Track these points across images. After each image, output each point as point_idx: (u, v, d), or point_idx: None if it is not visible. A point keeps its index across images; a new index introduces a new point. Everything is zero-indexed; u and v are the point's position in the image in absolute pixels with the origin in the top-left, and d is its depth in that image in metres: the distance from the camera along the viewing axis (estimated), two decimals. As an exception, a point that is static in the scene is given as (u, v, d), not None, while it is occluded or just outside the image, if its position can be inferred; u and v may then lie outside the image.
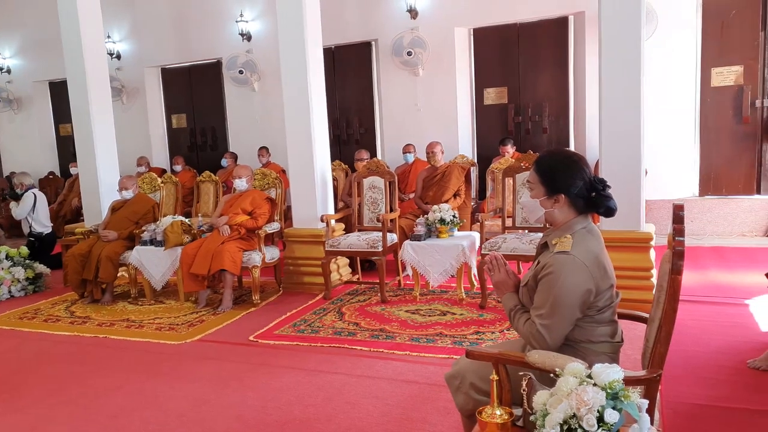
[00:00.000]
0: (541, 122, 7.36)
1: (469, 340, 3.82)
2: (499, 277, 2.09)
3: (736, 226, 6.44)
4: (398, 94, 7.84)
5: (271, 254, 5.06)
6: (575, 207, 1.95)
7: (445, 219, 4.74)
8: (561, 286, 1.83)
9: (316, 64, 5.26)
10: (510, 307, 2.03)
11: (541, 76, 7.37)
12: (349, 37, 8.07)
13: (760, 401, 2.77)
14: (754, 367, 3.09)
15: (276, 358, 3.75)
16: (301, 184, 5.25)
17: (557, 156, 2.04)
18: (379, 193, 5.27)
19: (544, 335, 1.85)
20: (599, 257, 1.88)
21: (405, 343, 3.83)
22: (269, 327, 4.34)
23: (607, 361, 1.90)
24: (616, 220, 4.14)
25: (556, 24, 7.18)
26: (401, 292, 5.01)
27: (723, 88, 6.53)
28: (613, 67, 4.14)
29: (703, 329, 3.75)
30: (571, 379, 1.40)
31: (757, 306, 4.07)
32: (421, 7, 7.47)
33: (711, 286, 4.71)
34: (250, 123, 8.78)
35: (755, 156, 6.50)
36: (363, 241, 4.86)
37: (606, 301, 1.89)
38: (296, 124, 5.22)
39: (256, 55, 8.49)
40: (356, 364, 3.56)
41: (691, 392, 2.92)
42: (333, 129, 8.39)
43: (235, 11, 8.51)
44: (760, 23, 6.31)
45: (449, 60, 7.49)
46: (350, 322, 4.32)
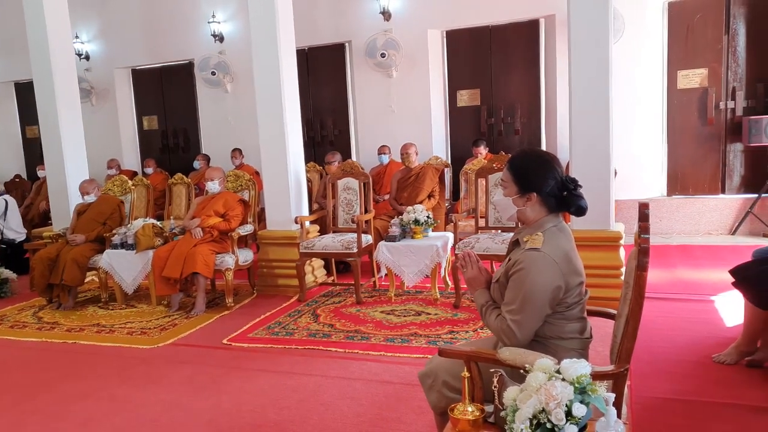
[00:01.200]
0: (513, 124, 7.45)
1: (444, 340, 3.85)
2: (471, 273, 2.12)
3: (702, 224, 6.61)
4: (372, 96, 7.86)
5: (244, 257, 5.02)
6: (547, 206, 1.98)
7: (419, 220, 4.77)
8: (531, 282, 1.86)
9: (289, 66, 5.25)
10: (481, 303, 2.06)
11: (513, 78, 7.46)
12: (323, 39, 8.06)
13: (724, 395, 2.85)
14: (719, 361, 3.18)
15: (250, 361, 3.73)
16: (275, 186, 5.22)
17: (530, 155, 2.07)
18: (354, 194, 5.28)
19: (514, 330, 1.88)
20: (569, 254, 1.92)
21: (380, 344, 3.84)
22: (243, 330, 4.30)
23: (577, 356, 1.92)
24: (586, 220, 4.19)
25: (528, 27, 7.28)
26: (376, 293, 5.02)
27: (688, 91, 6.70)
28: (582, 69, 4.23)
29: (671, 325, 3.84)
30: (540, 375, 1.43)
31: (721, 302, 4.18)
32: (394, 8, 7.50)
33: (678, 283, 4.82)
34: (223, 125, 8.69)
35: (719, 157, 6.69)
36: (338, 243, 4.86)
37: (575, 298, 1.93)
38: (269, 126, 5.19)
39: (229, 57, 8.41)
40: (331, 366, 3.55)
41: (659, 386, 2.99)
42: (307, 130, 8.35)
43: (207, 12, 8.42)
44: (723, 27, 6.50)
45: (423, 62, 7.53)
46: (325, 323, 4.32)
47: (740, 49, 6.48)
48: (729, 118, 6.59)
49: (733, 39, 6.49)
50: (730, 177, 6.68)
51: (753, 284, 2.99)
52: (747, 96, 6.50)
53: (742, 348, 3.14)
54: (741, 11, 6.45)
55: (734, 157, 6.64)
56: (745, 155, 6.58)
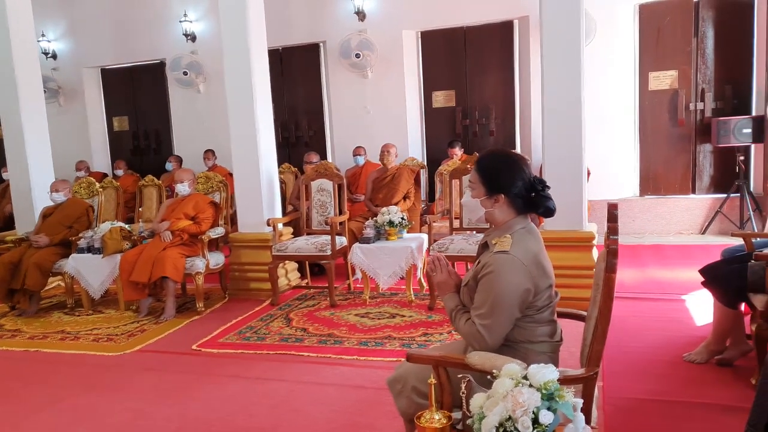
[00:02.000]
0: (488, 125, 7.46)
1: (418, 342, 3.81)
2: (440, 277, 2.08)
3: (674, 224, 6.69)
4: (347, 97, 7.80)
5: (215, 260, 4.91)
6: (515, 207, 1.95)
7: (393, 221, 4.72)
8: (500, 285, 1.83)
9: (261, 66, 5.16)
10: (451, 308, 2.02)
11: (488, 80, 7.47)
12: (297, 39, 7.98)
13: (694, 394, 2.87)
14: (690, 360, 3.20)
15: (220, 367, 3.64)
16: (247, 188, 5.13)
17: (498, 156, 2.04)
18: (328, 195, 5.21)
19: (483, 335, 1.85)
20: (538, 257, 1.89)
21: (353, 348, 3.78)
22: (213, 335, 4.21)
23: (547, 360, 1.91)
24: (559, 220, 4.23)
25: (502, 28, 7.30)
26: (351, 296, 4.97)
27: (659, 92, 6.79)
28: (554, 70, 4.23)
29: (643, 325, 3.86)
30: (507, 381, 1.39)
31: (692, 301, 4.23)
32: (369, 9, 7.46)
33: (650, 283, 4.86)
34: (196, 125, 8.55)
35: (690, 157, 6.78)
36: (311, 245, 4.79)
37: (545, 301, 1.90)
38: (240, 127, 5.10)
39: (202, 56, 8.29)
40: (303, 371, 3.49)
41: (631, 387, 2.99)
42: (282, 131, 8.28)
43: (178, 11, 8.28)
44: (692, 30, 6.59)
45: (398, 62, 7.50)
46: (298, 328, 4.24)
47: (709, 52, 6.59)
48: (699, 119, 6.69)
49: (701, 41, 6.59)
50: (700, 177, 6.78)
51: (722, 284, 3.01)
52: (716, 97, 6.60)
53: (711, 347, 3.16)
54: (709, 14, 6.55)
55: (704, 157, 6.74)
56: (714, 156, 6.69)
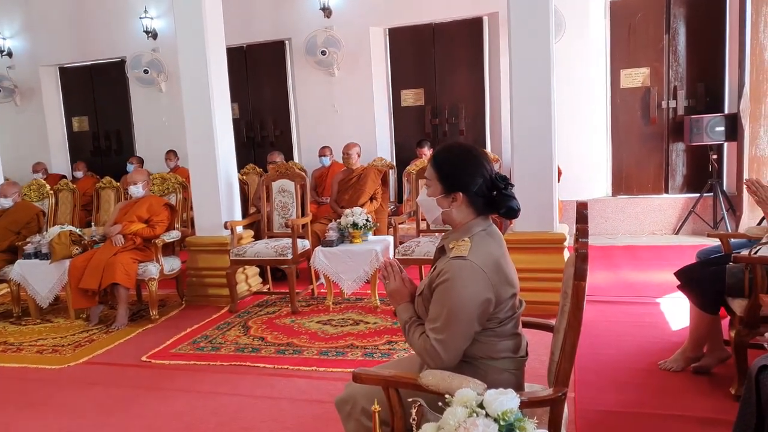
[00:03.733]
0: (458, 124, 7.30)
1: (381, 351, 3.60)
2: (393, 285, 1.87)
3: (647, 224, 6.60)
4: (314, 95, 7.56)
5: (170, 265, 4.64)
6: (474, 207, 1.75)
7: (357, 223, 4.51)
8: (457, 295, 1.63)
9: (219, 64, 4.91)
10: (404, 320, 1.81)
11: (457, 78, 7.31)
12: (262, 36, 7.72)
13: (670, 405, 2.70)
14: (666, 368, 3.04)
15: (169, 380, 3.39)
16: (204, 190, 4.86)
17: (456, 150, 1.83)
18: (290, 197, 4.97)
19: (438, 351, 1.64)
20: (499, 262, 1.69)
21: (312, 358, 3.56)
22: (166, 345, 3.94)
23: (511, 378, 1.71)
24: (529, 221, 4.08)
25: (471, 25, 7.14)
26: (314, 302, 4.74)
27: (631, 90, 6.69)
28: (523, 67, 4.06)
29: (617, 331, 3.70)
30: (460, 410, 1.19)
31: (667, 305, 4.09)
32: (335, 5, 7.23)
33: (624, 285, 4.73)
34: (158, 125, 8.22)
35: (662, 156, 6.70)
36: (271, 249, 4.54)
37: (507, 312, 1.70)
38: (197, 127, 4.84)
39: (163, 54, 7.97)
40: (257, 384, 3.26)
41: (604, 398, 2.82)
42: (246, 131, 8.01)
43: (138, 7, 7.95)
44: (664, 27, 6.51)
45: (365, 60, 7.29)
46: (255, 336, 4.00)
47: (681, 49, 6.51)
48: (671, 117, 6.61)
49: (673, 39, 6.51)
50: (673, 176, 6.70)
51: (698, 287, 2.86)
52: (688, 95, 6.53)
53: (688, 354, 3.00)
54: (681, 11, 6.48)
55: (676, 156, 6.67)
56: (687, 154, 6.61)
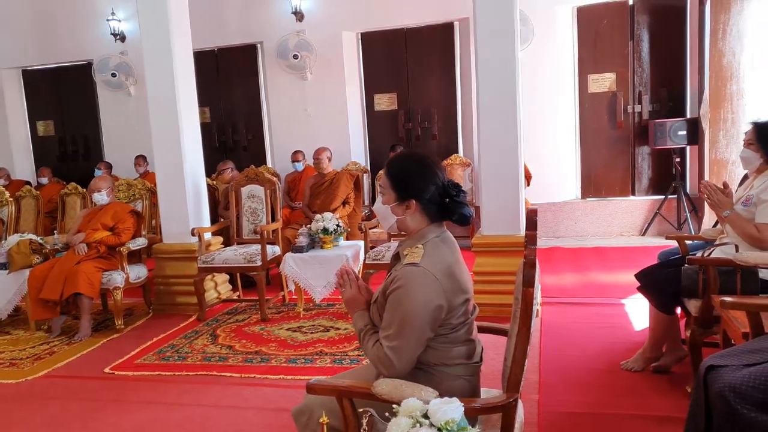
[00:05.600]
0: (430, 128, 7.33)
1: (351, 358, 3.59)
2: (349, 293, 1.87)
3: (615, 226, 6.70)
4: (287, 99, 7.53)
5: (136, 273, 4.56)
6: (428, 214, 1.77)
7: (328, 228, 4.49)
8: (409, 302, 1.63)
9: (186, 68, 4.87)
10: (360, 328, 1.81)
11: (430, 82, 7.34)
12: (233, 40, 7.66)
13: (630, 405, 2.75)
14: (627, 368, 3.09)
15: (133, 392, 3.32)
16: (171, 196, 4.79)
17: (409, 159, 1.85)
18: (259, 202, 4.94)
19: (392, 359, 1.64)
20: (452, 269, 1.70)
21: (280, 366, 3.53)
22: (130, 356, 3.87)
23: (465, 384, 1.72)
24: (496, 225, 4.12)
25: (442, 30, 7.18)
26: (285, 309, 4.70)
27: (598, 95, 6.80)
28: (490, 73, 4.10)
29: (581, 331, 3.75)
30: (404, 421, 1.19)
31: (631, 305, 4.15)
32: (306, 9, 7.21)
33: (591, 287, 4.80)
34: (127, 130, 8.09)
35: (629, 159, 6.82)
36: (240, 256, 4.50)
37: (460, 318, 1.71)
38: (164, 132, 4.77)
39: (132, 57, 7.86)
40: (224, 394, 3.22)
41: (567, 400, 2.85)
42: (218, 135, 7.93)
43: (105, 9, 7.82)
44: (629, 33, 6.64)
45: (338, 64, 7.28)
46: (223, 345, 3.95)
47: (645, 55, 6.64)
48: (636, 121, 6.73)
49: (637, 45, 6.64)
50: (639, 179, 6.83)
51: (656, 289, 2.91)
52: (652, 100, 6.66)
53: (648, 354, 3.06)
54: (644, 18, 6.61)
55: (642, 159, 6.79)
56: (652, 158, 6.74)
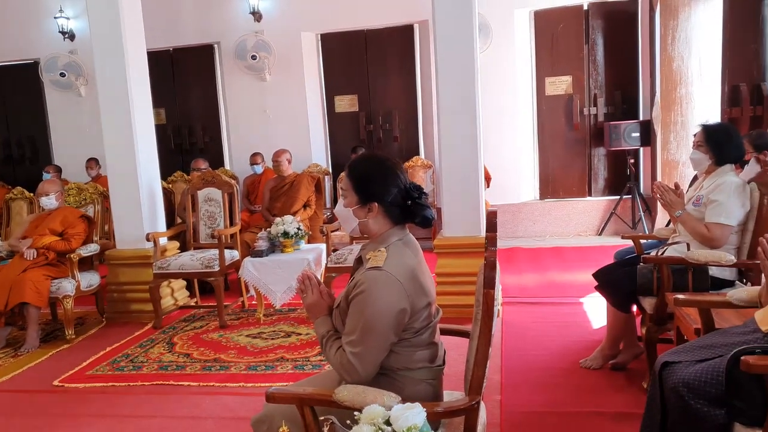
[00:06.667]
0: (392, 130, 7.32)
1: (312, 363, 3.53)
2: (311, 299, 1.83)
3: (572, 226, 6.84)
4: (245, 100, 7.40)
5: (88, 281, 4.38)
6: (390, 217, 1.75)
7: (288, 232, 4.42)
8: (372, 306, 1.60)
9: (139, 68, 4.73)
10: (322, 334, 1.77)
11: (390, 84, 7.34)
12: (189, 40, 7.48)
13: (590, 402, 2.79)
14: (586, 366, 3.14)
15: (84, 406, 3.19)
16: (124, 200, 4.63)
17: (371, 161, 1.83)
18: (217, 206, 4.82)
19: (355, 365, 1.61)
20: (415, 272, 1.68)
21: (240, 374, 3.45)
22: (81, 367, 3.71)
23: (428, 389, 1.70)
24: (456, 226, 4.14)
25: (402, 32, 7.19)
26: (244, 314, 4.60)
27: (556, 97, 6.93)
28: (449, 76, 4.12)
29: (542, 331, 3.80)
30: (365, 429, 1.16)
31: (589, 304, 4.23)
32: (264, 9, 7.11)
33: (550, 286, 4.87)
34: (78, 132, 7.80)
35: (586, 161, 6.97)
36: (197, 261, 4.38)
37: (423, 321, 1.69)
38: (116, 134, 4.61)
39: (82, 57, 7.58)
40: (181, 404, 3.12)
41: (529, 399, 2.88)
42: (174, 137, 7.74)
43: (53, 6, 7.53)
44: (584, 37, 6.79)
45: (297, 65, 7.21)
46: (181, 353, 3.84)
47: (599, 58, 6.80)
48: (592, 123, 6.89)
49: (592, 49, 6.80)
50: (596, 180, 6.99)
51: (613, 288, 2.97)
52: (607, 102, 6.82)
53: (606, 351, 3.12)
54: (598, 22, 6.77)
55: (598, 160, 6.95)
56: (608, 159, 6.91)
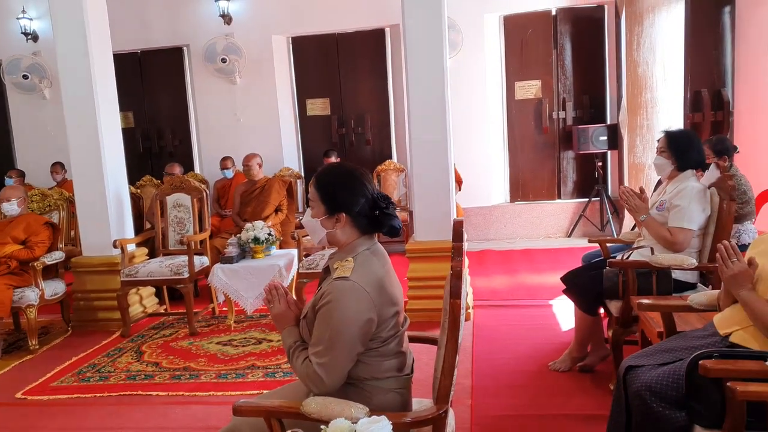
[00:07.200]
0: (364, 134, 7.32)
1: (284, 371, 3.51)
2: (278, 309, 1.82)
3: (542, 228, 6.93)
4: (215, 104, 7.32)
5: (53, 289, 4.28)
6: (358, 227, 1.75)
7: (259, 238, 4.38)
8: (339, 317, 1.61)
9: (105, 70, 4.65)
10: (289, 345, 1.76)
11: (362, 88, 7.34)
12: (158, 42, 7.37)
13: (557, 405, 2.83)
14: (555, 369, 3.19)
15: (48, 419, 3.11)
16: (91, 206, 4.53)
17: (337, 171, 1.84)
18: (186, 211, 4.76)
19: (321, 376, 1.61)
20: (383, 281, 1.69)
21: (210, 382, 3.41)
22: (45, 378, 3.62)
23: (396, 398, 1.71)
24: (427, 231, 4.16)
25: (374, 35, 7.20)
26: (215, 321, 4.55)
27: (525, 101, 7.02)
28: (419, 80, 4.15)
29: (513, 334, 3.84)
30: (331, 443, 1.16)
31: (558, 306, 4.30)
32: (234, 12, 7.05)
33: (520, 289, 4.93)
34: (42, 135, 7.62)
35: (555, 164, 7.08)
36: (166, 268, 4.31)
37: (390, 331, 1.70)
38: (81, 138, 4.51)
39: (46, 58, 7.41)
40: (149, 414, 3.07)
41: (499, 403, 2.91)
42: (143, 141, 7.61)
43: (15, 7, 7.34)
44: (552, 42, 6.90)
45: (268, 69, 7.16)
46: (149, 362, 3.77)
47: (568, 63, 6.92)
48: (561, 127, 7.00)
49: (561, 53, 6.91)
50: (565, 183, 7.10)
51: (580, 291, 3.03)
52: (575, 106, 6.94)
53: (574, 354, 3.17)
54: (566, 28, 6.88)
55: (567, 164, 7.07)
56: (576, 162, 7.03)
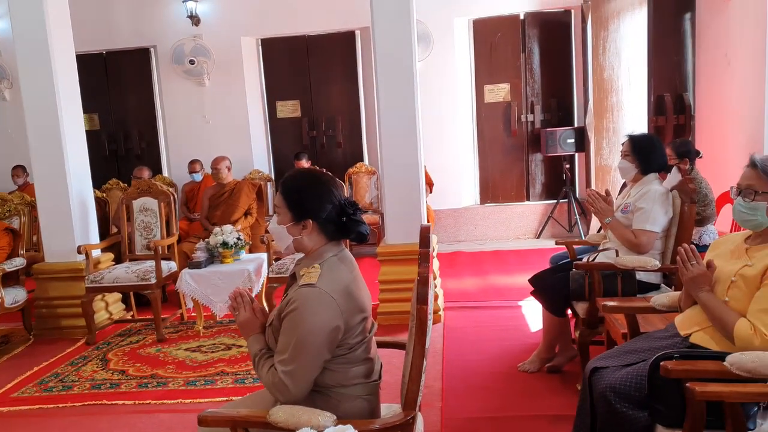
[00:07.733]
0: (335, 136, 7.31)
1: (253, 376, 3.47)
2: (243, 317, 1.80)
3: (512, 230, 7.02)
4: (183, 105, 7.22)
5: (13, 297, 4.15)
6: (325, 233, 1.74)
7: (227, 242, 4.33)
8: (305, 324, 1.60)
9: (68, 72, 4.54)
10: (255, 353, 1.75)
11: (333, 90, 7.33)
12: (124, 43, 7.23)
13: (527, 406, 2.87)
14: (524, 370, 3.23)
15: (8, 431, 3.02)
16: (53, 211, 4.41)
17: (304, 177, 1.83)
18: (153, 216, 4.68)
19: (287, 384, 1.60)
20: (350, 288, 1.69)
21: (178, 389, 3.35)
22: (5, 389, 3.52)
23: (364, 404, 1.71)
24: (398, 233, 4.18)
25: (344, 38, 7.20)
26: (184, 327, 4.48)
27: (494, 104, 7.10)
28: (389, 83, 4.18)
29: (483, 335, 3.88)
30: (296, 453, 1.16)
31: (527, 307, 4.35)
32: (203, 13, 6.96)
33: (490, 290, 4.98)
34: (2, 138, 7.42)
35: (524, 166, 7.17)
36: (132, 274, 4.23)
37: (357, 337, 1.70)
38: (43, 141, 4.40)
39: (5, 59, 7.21)
40: (114, 424, 3.01)
41: (469, 405, 2.93)
42: (108, 143, 7.46)
43: (-27, 5, 7.12)
44: (520, 46, 6.99)
45: (237, 70, 7.09)
46: (115, 370, 3.70)
47: (536, 67, 7.02)
48: (530, 130, 7.09)
49: (529, 57, 7.00)
50: (533, 185, 7.20)
51: (548, 293, 3.07)
52: (543, 110, 7.04)
53: (542, 355, 3.21)
54: (534, 32, 6.99)
55: (535, 166, 7.17)
56: (545, 164, 7.13)
